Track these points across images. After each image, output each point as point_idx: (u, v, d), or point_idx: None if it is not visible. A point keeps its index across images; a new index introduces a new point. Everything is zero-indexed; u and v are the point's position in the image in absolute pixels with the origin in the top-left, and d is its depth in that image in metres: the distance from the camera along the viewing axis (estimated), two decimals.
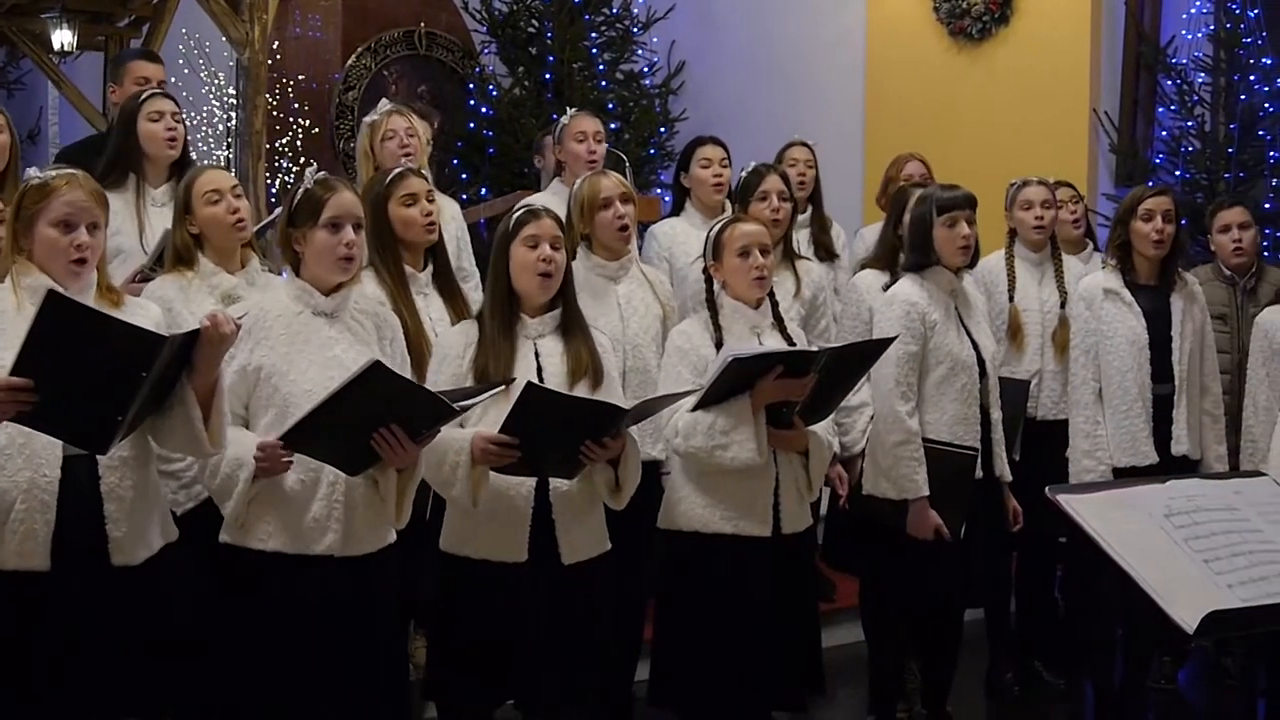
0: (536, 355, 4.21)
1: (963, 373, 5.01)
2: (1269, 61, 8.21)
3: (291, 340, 3.86)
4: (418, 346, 4.44)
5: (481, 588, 4.14)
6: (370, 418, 3.69)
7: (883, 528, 5.01)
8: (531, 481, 4.14)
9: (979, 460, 5.03)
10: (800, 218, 6.22)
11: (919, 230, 5.10)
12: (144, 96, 5.25)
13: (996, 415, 5.12)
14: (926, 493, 4.93)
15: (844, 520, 5.48)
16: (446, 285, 4.91)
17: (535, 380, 4.06)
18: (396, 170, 4.87)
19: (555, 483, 4.16)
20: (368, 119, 5.60)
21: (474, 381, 4.10)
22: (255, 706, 3.84)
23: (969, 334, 5.09)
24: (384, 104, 5.65)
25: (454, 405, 3.77)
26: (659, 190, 9.13)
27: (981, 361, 5.06)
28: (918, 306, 5.00)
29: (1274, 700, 5.70)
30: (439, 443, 3.97)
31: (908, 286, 5.08)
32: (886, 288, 5.30)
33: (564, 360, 4.21)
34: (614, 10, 9.54)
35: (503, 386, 4.04)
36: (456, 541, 4.20)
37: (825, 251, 6.31)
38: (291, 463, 3.77)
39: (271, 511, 3.81)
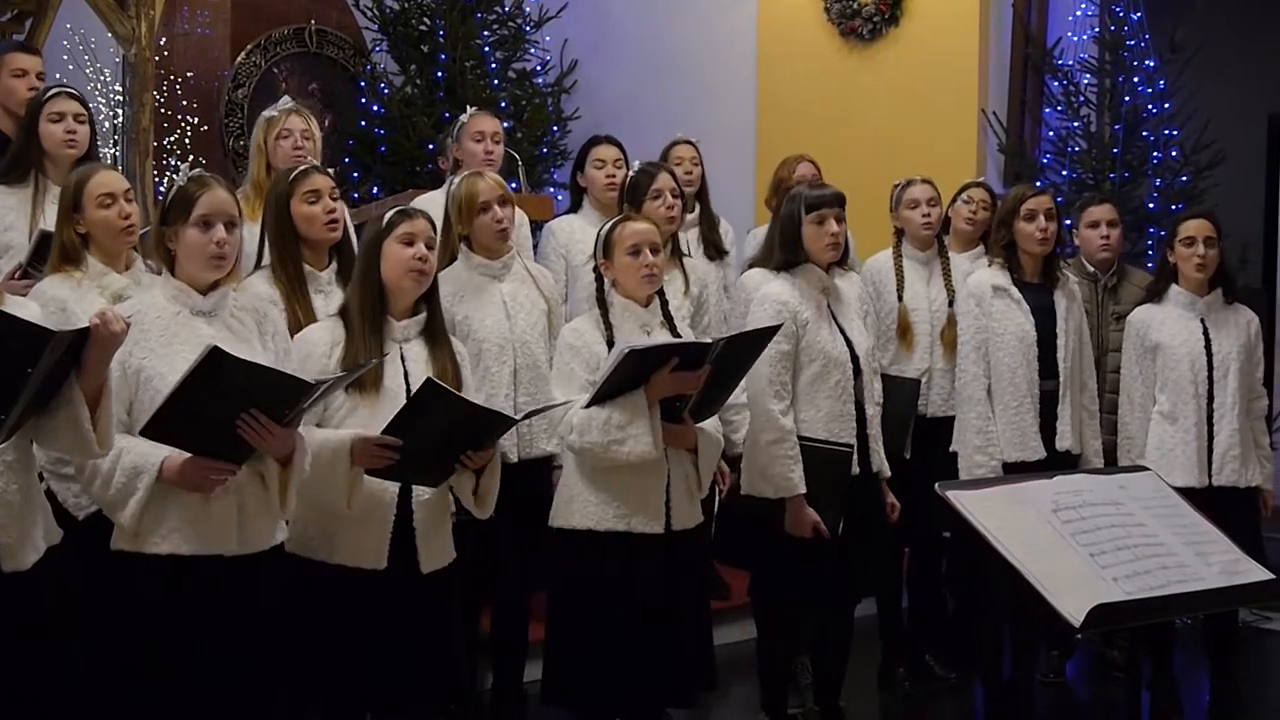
0: (402, 360, 4.18)
1: (836, 369, 5.01)
2: (1152, 64, 8.35)
3: (170, 341, 3.77)
4: None
5: (336, 593, 4.07)
6: (228, 405, 3.61)
7: (768, 523, 5.02)
8: (395, 487, 4.10)
9: (855, 457, 5.03)
10: (689, 216, 6.24)
11: (788, 228, 5.10)
12: (48, 96, 5.17)
13: (872, 411, 5.11)
14: (803, 490, 4.93)
15: (734, 516, 5.49)
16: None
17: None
18: (301, 168, 4.81)
19: (417, 490, 4.13)
20: (266, 113, 5.52)
21: None
22: (145, 710, 3.75)
23: (841, 330, 5.10)
24: (285, 101, 5.58)
25: (310, 380, 3.69)
26: (551, 189, 9.10)
27: (855, 358, 5.06)
28: (789, 305, 4.99)
29: (1159, 691, 5.80)
30: (314, 444, 3.93)
31: (778, 285, 5.08)
32: None
33: (429, 367, 4.18)
34: (506, 9, 9.49)
35: (375, 362, 4.03)
36: (307, 544, 4.11)
37: (715, 249, 6.33)
38: (221, 482, 3.72)
39: (173, 514, 3.72)
